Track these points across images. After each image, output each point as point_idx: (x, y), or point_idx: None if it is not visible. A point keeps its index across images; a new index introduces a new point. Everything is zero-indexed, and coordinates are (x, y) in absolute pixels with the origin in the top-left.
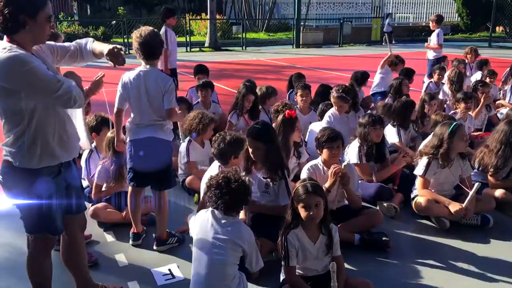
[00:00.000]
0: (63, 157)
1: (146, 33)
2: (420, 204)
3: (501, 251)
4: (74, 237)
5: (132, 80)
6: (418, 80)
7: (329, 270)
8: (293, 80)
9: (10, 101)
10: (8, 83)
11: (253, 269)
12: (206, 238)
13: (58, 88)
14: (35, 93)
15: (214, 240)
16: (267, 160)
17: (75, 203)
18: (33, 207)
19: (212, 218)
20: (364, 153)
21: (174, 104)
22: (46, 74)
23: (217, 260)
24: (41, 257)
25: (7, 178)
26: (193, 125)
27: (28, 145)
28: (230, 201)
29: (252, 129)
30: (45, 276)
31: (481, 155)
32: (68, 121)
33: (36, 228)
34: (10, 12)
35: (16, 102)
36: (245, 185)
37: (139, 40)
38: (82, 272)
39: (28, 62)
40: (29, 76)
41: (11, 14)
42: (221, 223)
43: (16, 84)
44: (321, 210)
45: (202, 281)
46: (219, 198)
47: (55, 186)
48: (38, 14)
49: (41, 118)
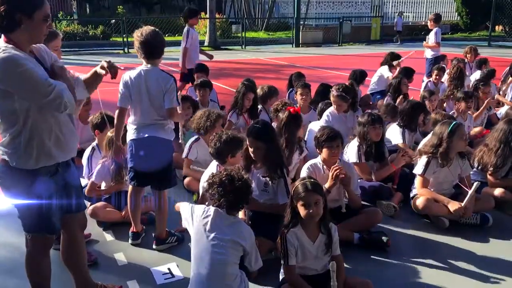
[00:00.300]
0: (60, 157)
1: (147, 32)
2: (419, 203)
3: (500, 250)
4: (74, 236)
5: (133, 79)
6: (417, 79)
7: (328, 270)
8: (293, 79)
9: (5, 102)
10: (1, 84)
11: (253, 268)
12: (207, 237)
13: (50, 93)
14: (27, 96)
15: (215, 240)
16: (267, 159)
17: (75, 202)
18: (31, 206)
19: (214, 217)
20: (363, 152)
21: (175, 103)
22: (39, 77)
23: (218, 260)
24: (39, 256)
25: (5, 177)
26: (201, 123)
27: (24, 146)
28: (233, 200)
29: (252, 129)
30: (44, 275)
31: (481, 154)
32: (64, 121)
33: (34, 227)
34: (6, 10)
35: (11, 103)
36: (248, 184)
37: (140, 40)
38: (82, 271)
39: (22, 64)
40: (22, 79)
41: (7, 12)
42: (223, 222)
43: (9, 86)
44: (321, 208)
45: (204, 281)
46: (222, 196)
47: (53, 185)
48: (34, 13)
49: (36, 118)
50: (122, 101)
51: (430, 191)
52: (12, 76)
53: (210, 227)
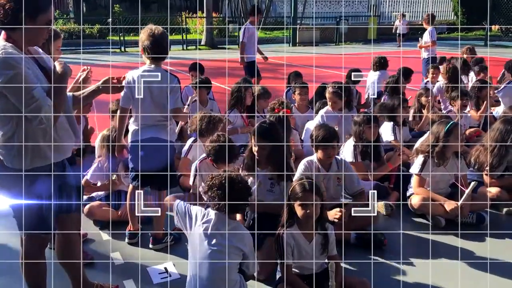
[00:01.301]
0: (55, 157)
1: (158, 32)
2: (415, 203)
3: (495, 249)
4: (70, 236)
5: (135, 80)
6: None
7: (325, 269)
8: (291, 79)
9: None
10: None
11: (250, 272)
12: (208, 242)
13: (30, 104)
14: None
15: (216, 246)
16: (271, 159)
17: (70, 202)
18: (26, 206)
19: (215, 221)
20: (359, 151)
21: (180, 103)
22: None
23: (219, 265)
24: (35, 256)
25: (0, 177)
26: (203, 126)
27: (18, 147)
28: (234, 203)
29: (259, 128)
30: (40, 275)
31: (477, 153)
32: (60, 121)
33: (29, 227)
34: (11, 8)
35: (5, 102)
36: (247, 186)
37: (151, 39)
38: (78, 271)
39: (15, 66)
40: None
41: (12, 10)
42: (224, 227)
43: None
44: (318, 209)
45: (203, 285)
46: (222, 199)
47: (48, 185)
48: (38, 17)
49: (31, 118)
50: (124, 101)
51: (427, 190)
52: (4, 77)
53: (211, 232)
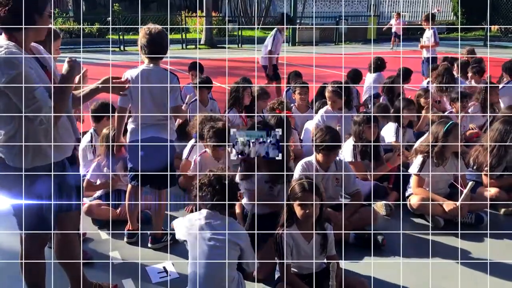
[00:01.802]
0: (55, 157)
1: (156, 31)
2: (414, 203)
3: (494, 249)
4: (68, 235)
5: (134, 79)
6: (417, 79)
7: (323, 269)
8: (291, 79)
9: (1, 100)
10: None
11: (250, 269)
12: (203, 239)
13: (30, 105)
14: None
15: (212, 241)
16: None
17: (69, 201)
18: (26, 205)
19: (208, 218)
20: (358, 151)
21: (180, 102)
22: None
23: (217, 261)
24: (34, 256)
25: (1, 176)
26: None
27: (20, 145)
28: (223, 198)
29: None
30: (39, 274)
31: (476, 153)
32: (61, 120)
33: (29, 226)
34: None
35: (7, 101)
36: (234, 181)
37: (148, 38)
38: (77, 270)
39: (17, 65)
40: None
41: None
42: (218, 223)
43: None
44: (317, 209)
45: (201, 283)
46: (213, 196)
47: (49, 184)
48: (45, 10)
49: (32, 117)
50: (122, 101)
51: (426, 190)
52: (7, 77)
53: (205, 229)
